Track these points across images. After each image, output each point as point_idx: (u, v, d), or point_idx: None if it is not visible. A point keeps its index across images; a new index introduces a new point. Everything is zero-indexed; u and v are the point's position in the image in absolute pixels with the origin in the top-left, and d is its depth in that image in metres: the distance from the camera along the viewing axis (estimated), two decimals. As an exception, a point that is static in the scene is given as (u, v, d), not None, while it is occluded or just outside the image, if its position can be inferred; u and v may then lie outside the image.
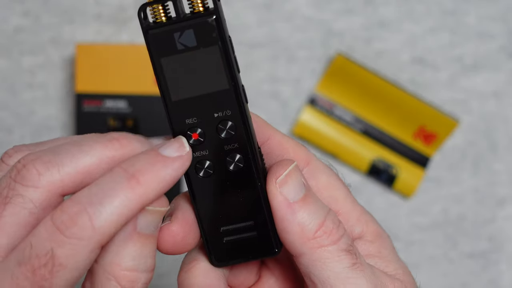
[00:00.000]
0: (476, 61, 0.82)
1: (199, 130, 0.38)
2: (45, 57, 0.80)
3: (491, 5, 0.81)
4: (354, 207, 0.41)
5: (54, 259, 0.32)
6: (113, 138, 0.35)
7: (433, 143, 0.82)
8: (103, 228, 0.32)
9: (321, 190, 0.41)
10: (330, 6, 0.81)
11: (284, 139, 0.41)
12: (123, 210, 0.33)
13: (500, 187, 0.83)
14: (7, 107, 0.80)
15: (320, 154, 0.82)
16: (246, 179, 0.39)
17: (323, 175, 0.41)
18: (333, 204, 0.41)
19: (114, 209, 0.32)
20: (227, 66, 0.36)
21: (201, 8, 0.36)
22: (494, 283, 0.83)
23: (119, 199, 0.33)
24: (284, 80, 0.81)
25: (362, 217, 0.41)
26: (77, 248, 0.32)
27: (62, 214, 0.32)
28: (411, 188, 0.82)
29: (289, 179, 0.38)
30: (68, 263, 0.32)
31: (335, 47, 0.81)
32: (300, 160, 0.41)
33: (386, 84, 0.80)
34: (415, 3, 0.81)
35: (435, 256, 0.83)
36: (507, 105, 0.82)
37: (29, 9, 0.80)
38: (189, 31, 0.36)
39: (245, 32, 0.80)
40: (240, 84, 0.37)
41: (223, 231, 0.40)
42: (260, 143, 0.40)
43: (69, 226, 0.32)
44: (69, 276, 0.33)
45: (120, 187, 0.33)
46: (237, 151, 0.38)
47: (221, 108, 0.37)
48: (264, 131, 0.40)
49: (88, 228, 0.32)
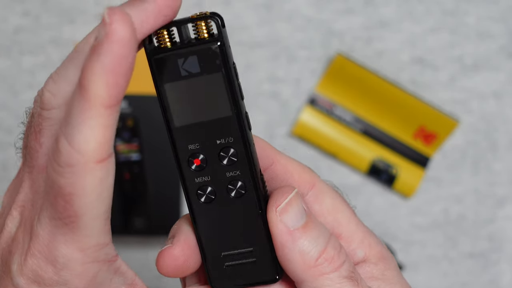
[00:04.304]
0: (476, 61, 0.82)
1: (201, 156, 0.38)
2: (45, 57, 0.80)
3: (491, 5, 0.81)
4: (358, 229, 0.41)
5: (62, 189, 0.33)
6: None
7: (433, 143, 0.82)
8: (84, 147, 0.33)
9: (325, 213, 0.40)
10: (330, 6, 0.81)
11: (289, 163, 0.40)
12: (91, 123, 0.33)
13: (500, 187, 0.83)
14: (7, 107, 0.80)
15: (320, 154, 0.82)
16: (247, 206, 0.38)
17: (327, 198, 0.41)
18: (336, 228, 0.41)
19: (83, 127, 0.33)
20: (230, 93, 0.36)
21: (205, 34, 0.36)
22: (494, 283, 0.83)
23: (79, 115, 0.33)
24: (284, 80, 0.81)
25: (365, 239, 0.41)
26: (75, 173, 0.33)
27: (53, 147, 0.34)
28: (411, 188, 0.82)
29: (289, 207, 0.38)
30: (75, 189, 0.33)
31: (335, 47, 0.81)
32: (305, 183, 0.40)
33: (386, 84, 0.80)
34: (415, 3, 0.81)
35: (435, 256, 0.83)
36: (507, 105, 0.82)
37: (29, 9, 0.80)
38: (193, 57, 0.36)
39: (245, 32, 0.80)
40: (243, 111, 0.37)
41: (224, 256, 0.40)
42: (264, 167, 0.40)
43: (57, 155, 0.33)
44: (85, 201, 0.33)
45: (78, 104, 0.33)
46: (239, 178, 0.38)
47: (223, 135, 0.37)
48: (268, 155, 0.40)
49: (71, 152, 0.33)
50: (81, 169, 0.33)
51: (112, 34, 0.32)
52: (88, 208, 0.34)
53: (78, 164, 0.33)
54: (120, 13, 0.32)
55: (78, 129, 0.33)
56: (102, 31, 0.32)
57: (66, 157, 0.33)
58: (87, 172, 0.33)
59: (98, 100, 0.32)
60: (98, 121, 0.32)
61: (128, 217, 0.78)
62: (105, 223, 0.35)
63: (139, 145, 0.77)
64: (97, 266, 0.35)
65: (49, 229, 0.34)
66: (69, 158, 0.33)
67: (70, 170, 0.33)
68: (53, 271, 0.35)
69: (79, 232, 0.34)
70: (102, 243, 0.35)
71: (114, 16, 0.32)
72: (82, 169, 0.33)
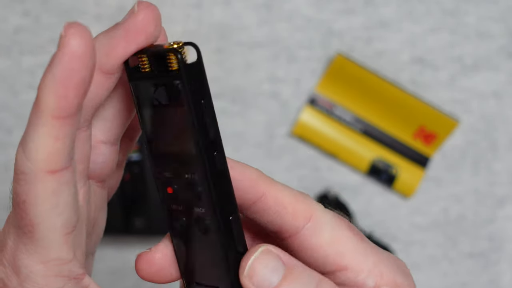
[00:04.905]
0: (476, 61, 0.82)
1: (174, 186, 0.37)
2: (45, 57, 0.80)
3: (491, 5, 0.81)
4: (367, 258, 0.38)
5: (18, 196, 0.34)
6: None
7: (433, 143, 0.82)
8: (33, 155, 0.33)
9: (325, 247, 0.38)
10: (330, 6, 0.81)
11: (281, 195, 0.37)
12: (40, 132, 0.33)
13: (500, 187, 0.83)
14: (7, 107, 0.80)
15: (320, 154, 0.82)
16: (212, 246, 0.37)
17: (326, 230, 0.37)
18: (340, 260, 0.38)
19: (34, 136, 0.33)
20: (194, 131, 0.34)
21: (175, 66, 0.34)
22: (494, 283, 0.83)
23: (32, 124, 0.33)
24: (284, 80, 0.81)
25: (376, 269, 0.38)
26: (27, 181, 0.33)
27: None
28: (411, 188, 0.82)
29: (258, 269, 0.36)
30: (28, 197, 0.33)
31: (335, 47, 0.81)
32: (300, 216, 0.37)
33: (386, 84, 0.80)
34: (415, 3, 0.81)
35: (435, 256, 0.83)
36: (507, 105, 0.82)
37: (29, 9, 0.80)
38: (162, 88, 0.34)
39: (245, 32, 0.80)
40: (210, 150, 0.35)
41: (196, 284, 0.39)
42: (253, 200, 0.37)
43: (15, 163, 0.34)
44: (39, 210, 0.33)
45: (32, 113, 0.33)
46: (204, 216, 0.36)
47: (189, 171, 0.36)
48: (257, 187, 0.37)
49: (23, 160, 0.33)
50: (32, 177, 0.33)
51: (63, 46, 0.32)
52: (42, 218, 0.34)
53: (30, 172, 0.33)
54: (77, 28, 0.32)
55: (30, 137, 0.33)
56: (58, 43, 0.32)
57: (20, 164, 0.33)
58: (38, 181, 0.33)
59: (47, 110, 0.32)
60: (47, 131, 0.32)
61: (128, 217, 0.78)
62: (65, 238, 0.35)
63: (139, 145, 0.77)
64: (61, 281, 0.35)
65: (14, 238, 0.35)
66: (22, 166, 0.33)
67: (23, 178, 0.33)
68: (17, 281, 0.35)
69: (37, 243, 0.34)
70: (65, 258, 0.35)
71: (70, 30, 0.31)
72: (33, 177, 0.33)
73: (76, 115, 0.33)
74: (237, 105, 0.80)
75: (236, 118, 0.80)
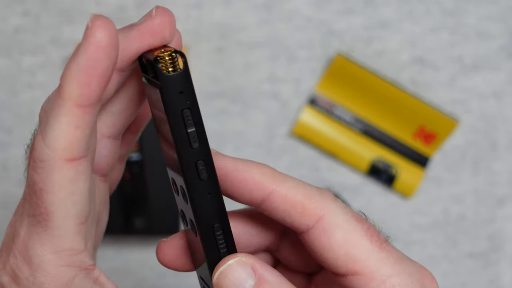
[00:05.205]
0: (476, 61, 0.82)
1: (177, 185, 0.38)
2: (45, 57, 0.80)
3: (491, 5, 0.81)
4: (381, 267, 0.36)
5: (35, 185, 0.34)
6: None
7: (433, 143, 0.82)
8: (53, 143, 0.34)
9: (335, 248, 0.36)
10: (330, 6, 0.81)
11: (291, 193, 0.37)
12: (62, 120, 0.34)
13: (500, 187, 0.83)
14: (7, 107, 0.80)
15: (320, 154, 0.82)
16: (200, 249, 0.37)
17: (338, 232, 0.36)
18: (351, 264, 0.36)
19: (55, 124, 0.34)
20: (174, 140, 0.35)
21: (170, 69, 0.34)
22: (494, 283, 0.83)
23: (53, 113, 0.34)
24: (284, 80, 0.81)
25: (390, 279, 0.36)
26: (45, 169, 0.34)
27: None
28: (411, 188, 0.82)
29: (227, 277, 0.36)
30: (45, 185, 0.34)
31: (335, 47, 0.81)
32: (310, 215, 0.36)
33: (386, 84, 0.80)
34: (415, 3, 0.81)
35: (435, 256, 0.83)
36: (507, 105, 0.82)
37: (29, 9, 0.80)
38: (156, 90, 0.35)
39: (245, 32, 0.80)
40: (192, 158, 0.35)
41: (200, 277, 0.40)
42: (260, 199, 0.37)
43: (33, 151, 0.35)
44: (55, 198, 0.34)
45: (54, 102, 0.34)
46: (194, 220, 0.37)
47: (179, 176, 0.36)
48: (262, 186, 0.37)
49: (43, 147, 0.34)
50: (51, 165, 0.34)
51: (90, 36, 0.33)
52: (58, 206, 0.34)
53: (48, 160, 0.34)
54: (103, 20, 0.33)
55: (50, 125, 0.34)
56: (84, 34, 0.33)
57: (39, 152, 0.34)
58: (56, 168, 0.34)
59: (70, 98, 0.33)
60: (69, 119, 0.33)
61: (128, 217, 0.78)
62: (78, 228, 0.35)
63: (139, 145, 0.77)
64: (73, 271, 0.36)
65: (27, 228, 0.35)
66: (41, 153, 0.34)
67: (41, 165, 0.34)
68: (28, 271, 0.35)
69: (51, 231, 0.35)
70: (77, 248, 0.35)
71: (96, 22, 0.33)
72: (52, 165, 0.34)
73: (96, 105, 0.34)
74: (237, 105, 0.80)
75: (236, 118, 0.80)
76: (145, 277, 0.80)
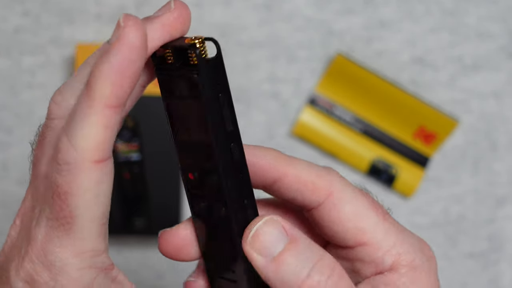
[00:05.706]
0: (476, 61, 0.82)
1: (195, 173, 0.38)
2: (45, 57, 0.80)
3: (491, 5, 0.81)
4: (387, 236, 0.38)
5: (59, 188, 0.34)
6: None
7: (433, 143, 0.82)
8: (82, 144, 0.33)
9: (344, 221, 0.38)
10: (330, 6, 0.81)
11: (302, 173, 0.39)
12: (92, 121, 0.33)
13: (500, 187, 0.83)
14: (7, 107, 0.80)
15: (320, 154, 0.82)
16: (227, 232, 0.38)
17: (347, 206, 0.39)
18: (359, 235, 0.38)
19: (84, 124, 0.33)
20: (211, 123, 0.36)
21: (195, 60, 0.35)
22: (494, 283, 0.83)
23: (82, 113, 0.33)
24: (284, 80, 0.81)
25: (394, 248, 0.38)
26: (71, 171, 0.33)
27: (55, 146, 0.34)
28: (411, 188, 0.82)
29: (260, 236, 0.36)
30: (70, 188, 0.33)
31: (335, 47, 0.81)
32: (320, 192, 0.39)
33: (386, 84, 0.80)
34: (415, 3, 0.81)
35: (435, 256, 0.83)
36: (507, 105, 0.82)
37: (29, 9, 0.80)
38: (183, 80, 0.36)
39: (245, 32, 0.80)
40: (227, 141, 0.37)
41: (215, 268, 0.40)
42: (272, 181, 0.39)
43: (57, 153, 0.34)
44: (81, 201, 0.34)
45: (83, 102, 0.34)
46: (219, 203, 0.37)
47: (207, 160, 0.37)
48: (275, 168, 0.39)
49: (69, 149, 0.33)
50: (78, 167, 0.33)
51: (123, 37, 0.33)
52: (83, 209, 0.34)
53: (75, 162, 0.33)
54: (134, 20, 0.33)
55: (79, 126, 0.33)
56: (115, 34, 0.33)
57: (65, 154, 0.33)
58: (84, 171, 0.33)
59: (101, 99, 0.33)
60: (99, 120, 0.33)
61: (128, 217, 0.78)
62: (101, 229, 0.35)
63: (139, 145, 0.77)
64: (94, 272, 0.35)
65: (45, 232, 0.34)
66: (67, 155, 0.33)
67: (67, 168, 0.33)
68: (49, 276, 0.35)
69: (74, 235, 0.34)
70: (98, 249, 0.35)
71: (128, 22, 0.33)
72: (79, 167, 0.33)
73: (124, 105, 0.34)
74: (237, 105, 0.80)
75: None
76: (145, 277, 0.80)
